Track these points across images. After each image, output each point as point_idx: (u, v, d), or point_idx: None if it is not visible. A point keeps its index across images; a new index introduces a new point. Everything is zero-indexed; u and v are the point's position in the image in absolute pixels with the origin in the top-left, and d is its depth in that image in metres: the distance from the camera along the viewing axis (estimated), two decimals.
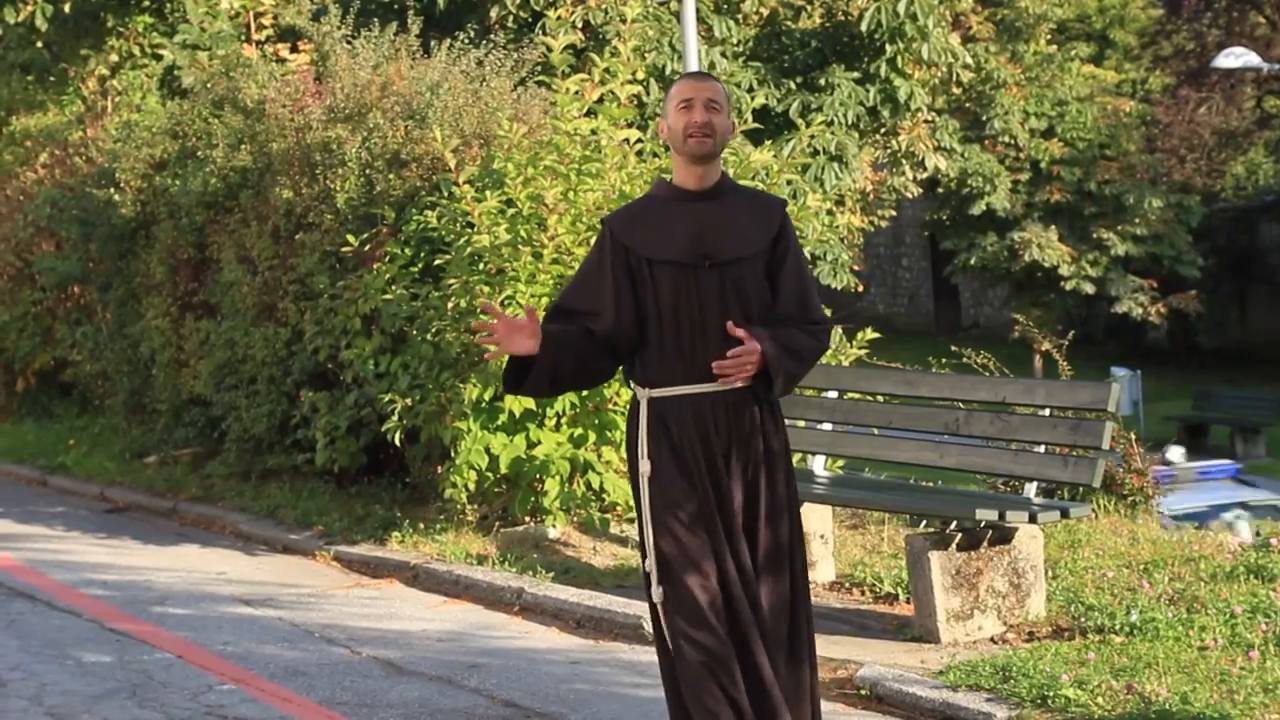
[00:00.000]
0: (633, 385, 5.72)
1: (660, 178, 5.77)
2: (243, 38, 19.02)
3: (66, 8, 19.67)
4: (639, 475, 5.61)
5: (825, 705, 6.34)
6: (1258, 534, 9.23)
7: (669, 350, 5.60)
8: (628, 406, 5.83)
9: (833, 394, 9.45)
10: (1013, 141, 36.54)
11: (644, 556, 5.60)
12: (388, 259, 11.49)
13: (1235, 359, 41.73)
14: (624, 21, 12.52)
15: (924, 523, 9.30)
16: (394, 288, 11.29)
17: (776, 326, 5.61)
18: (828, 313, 5.95)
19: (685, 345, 5.58)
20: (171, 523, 13.54)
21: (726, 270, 5.60)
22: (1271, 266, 43.41)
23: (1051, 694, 6.70)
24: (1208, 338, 43.11)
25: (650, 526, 5.56)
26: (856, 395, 9.67)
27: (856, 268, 21.45)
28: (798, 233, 6.65)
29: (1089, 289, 37.22)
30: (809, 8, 19.57)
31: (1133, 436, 11.60)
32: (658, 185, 5.84)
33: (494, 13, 16.50)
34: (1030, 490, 8.38)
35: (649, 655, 8.32)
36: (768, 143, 15.51)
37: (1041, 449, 8.41)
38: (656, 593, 5.53)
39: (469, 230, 10.70)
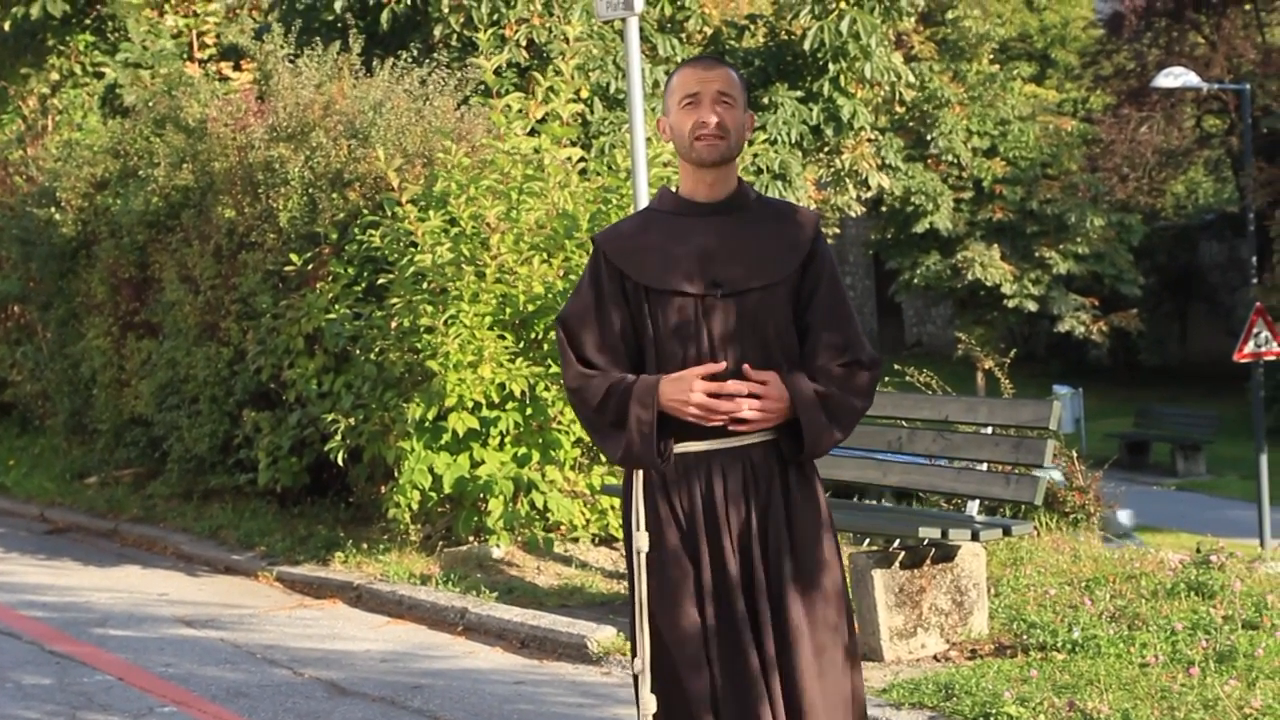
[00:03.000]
0: None
1: (664, 187, 4.86)
2: (185, 56, 18.97)
3: (6, 26, 19.58)
4: (634, 550, 4.57)
5: None
6: (1198, 550, 9.28)
7: None
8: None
9: None
10: (956, 160, 36.73)
11: (634, 650, 4.59)
12: (331, 278, 11.47)
13: (1176, 377, 42.06)
14: (567, 41, 12.53)
15: (867, 541, 9.33)
16: (337, 307, 11.27)
17: (813, 370, 4.60)
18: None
19: None
20: (112, 543, 13.46)
21: (743, 301, 4.58)
22: (1211, 285, 43.79)
23: (994, 711, 6.72)
24: (1149, 355, 43.45)
25: (644, 613, 4.54)
26: None
27: None
28: None
29: (1031, 307, 37.45)
30: (752, 27, 19.63)
31: (1074, 454, 11.69)
32: (661, 196, 4.83)
33: (437, 31, 16.46)
34: (973, 508, 8.41)
35: (592, 675, 8.34)
36: None
37: (984, 467, 8.45)
38: (648, 702, 4.53)
39: (412, 249, 10.69)
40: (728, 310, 4.57)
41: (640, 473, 4.57)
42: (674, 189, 4.81)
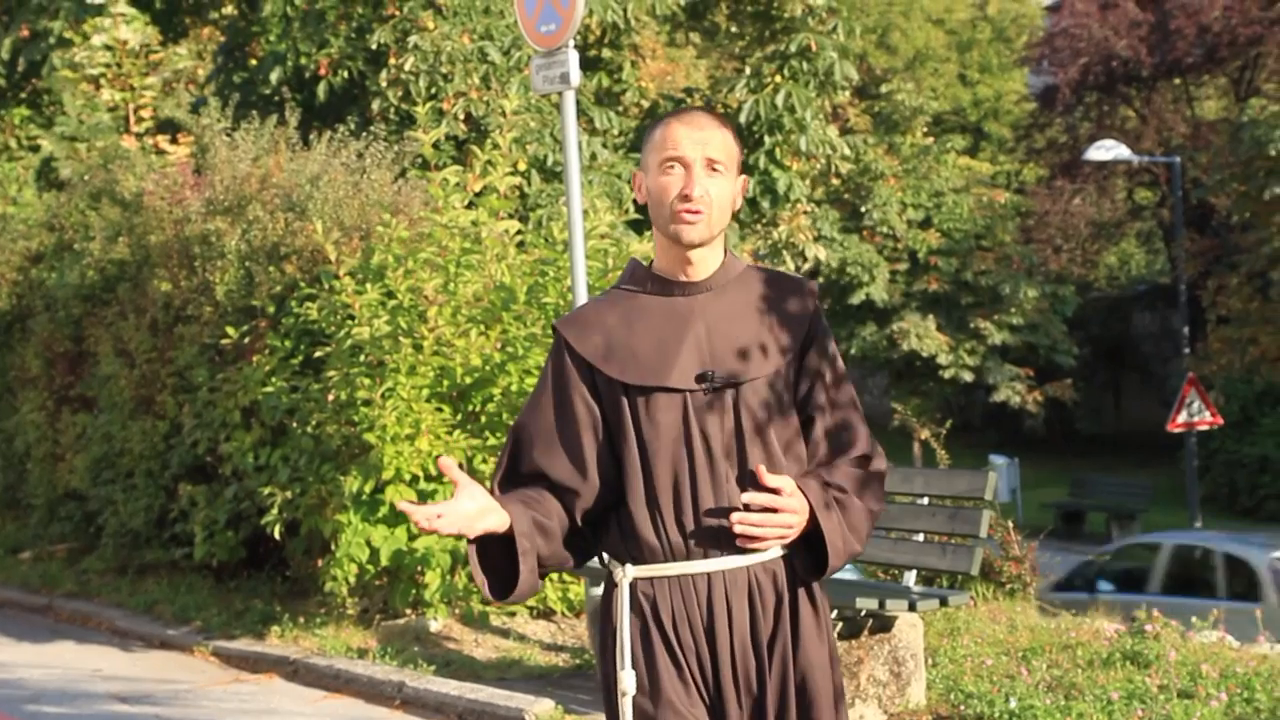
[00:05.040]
0: (606, 559, 3.90)
1: (635, 262, 3.99)
2: (122, 129, 18.95)
3: None
4: (617, 689, 3.76)
5: None
6: (1133, 620, 9.33)
7: (658, 511, 3.78)
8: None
9: None
10: (891, 232, 36.97)
11: None
12: (267, 351, 11.45)
13: (1111, 446, 42.29)
14: (504, 114, 12.59)
15: None
16: (274, 380, 11.24)
17: (821, 470, 3.88)
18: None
19: (681, 504, 3.78)
20: (46, 619, 13.33)
21: (740, 395, 3.80)
22: (1144, 355, 44.16)
23: None
24: (1084, 425, 43.70)
25: None
26: None
27: None
28: None
29: (967, 377, 37.64)
30: (688, 100, 19.78)
31: (1010, 524, 11.72)
32: (632, 272, 3.96)
33: (375, 105, 16.52)
34: (910, 578, 8.44)
35: None
36: (648, 233, 15.60)
37: (920, 537, 8.48)
38: None
39: (349, 322, 10.68)
40: (722, 407, 3.80)
41: (626, 597, 3.79)
42: (646, 264, 3.97)
